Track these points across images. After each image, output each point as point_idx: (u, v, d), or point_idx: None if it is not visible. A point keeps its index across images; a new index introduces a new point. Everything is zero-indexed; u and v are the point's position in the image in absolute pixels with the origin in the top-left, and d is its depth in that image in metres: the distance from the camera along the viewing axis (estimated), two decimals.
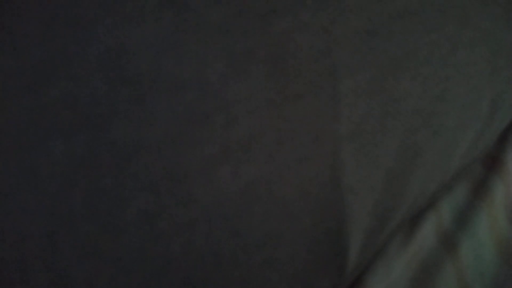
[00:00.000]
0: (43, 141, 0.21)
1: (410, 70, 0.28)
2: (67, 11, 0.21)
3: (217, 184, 0.24)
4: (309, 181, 0.26)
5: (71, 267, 0.22)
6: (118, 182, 0.23)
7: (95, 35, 0.21)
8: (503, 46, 0.31)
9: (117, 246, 0.22)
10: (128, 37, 0.21)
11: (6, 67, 0.21)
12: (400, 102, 0.28)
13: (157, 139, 0.23)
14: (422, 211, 0.33)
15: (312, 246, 0.27)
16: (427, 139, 0.29)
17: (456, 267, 0.32)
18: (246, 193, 0.25)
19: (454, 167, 0.32)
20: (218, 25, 0.23)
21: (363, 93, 0.27)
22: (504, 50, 0.31)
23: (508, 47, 0.32)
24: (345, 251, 0.27)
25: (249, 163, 0.25)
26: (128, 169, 0.23)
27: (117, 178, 0.23)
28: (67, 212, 0.22)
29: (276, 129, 0.25)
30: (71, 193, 0.22)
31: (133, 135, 0.22)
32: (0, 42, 0.21)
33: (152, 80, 0.22)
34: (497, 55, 0.32)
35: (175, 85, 0.22)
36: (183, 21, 0.22)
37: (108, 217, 0.23)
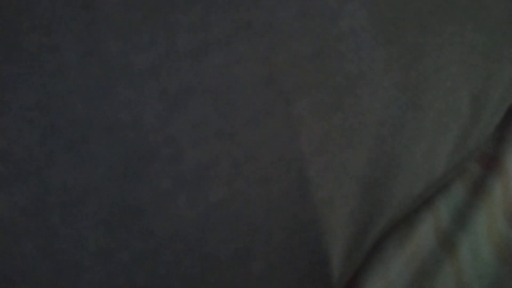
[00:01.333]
0: (3, 188, 0.22)
1: (369, 84, 0.28)
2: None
3: (175, 214, 0.24)
4: (276, 199, 0.26)
5: None
6: (69, 224, 0.23)
7: (20, 91, 0.21)
8: (474, 45, 0.30)
9: (79, 283, 0.22)
10: (55, 91, 0.22)
11: None
12: (363, 115, 0.27)
13: (103, 179, 0.23)
14: (417, 211, 0.33)
15: (288, 259, 0.26)
16: (402, 146, 0.28)
17: (455, 266, 0.31)
18: (207, 218, 0.25)
19: (440, 168, 0.32)
20: (146, 69, 0.23)
21: (321, 112, 0.27)
22: (476, 49, 0.30)
23: (480, 46, 0.31)
24: (326, 260, 0.27)
25: (206, 190, 0.24)
26: (78, 210, 0.23)
27: (67, 220, 0.23)
28: (20, 258, 0.22)
29: (231, 156, 0.25)
30: (22, 241, 0.22)
31: (76, 179, 0.22)
32: None
33: (85, 125, 0.22)
34: (470, 55, 0.31)
35: (111, 127, 0.22)
36: (109, 69, 0.22)
37: (65, 257, 0.23)
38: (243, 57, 0.25)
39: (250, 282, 0.25)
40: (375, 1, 0.28)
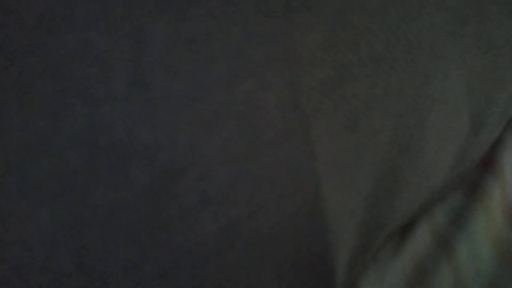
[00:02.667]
0: (31, 210, 0.23)
1: (383, 107, 0.29)
2: (42, 97, 0.23)
3: (198, 228, 0.26)
4: (290, 214, 0.28)
5: None
6: (103, 239, 0.24)
7: (70, 117, 0.23)
8: (478, 68, 0.32)
9: None
10: (101, 117, 0.23)
11: None
12: (375, 136, 0.29)
13: (138, 196, 0.24)
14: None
15: (296, 271, 0.28)
16: (407, 164, 0.30)
17: (452, 266, 0.32)
18: (226, 232, 0.26)
19: (440, 182, 0.33)
20: (185, 96, 0.24)
21: (337, 133, 0.28)
22: (479, 71, 0.32)
23: (484, 68, 0.33)
24: (332, 272, 0.29)
25: (228, 206, 0.26)
26: (111, 226, 0.24)
27: (101, 235, 0.24)
28: (56, 271, 0.24)
29: (252, 174, 0.27)
30: (59, 254, 0.24)
31: (113, 197, 0.24)
32: None
33: (127, 147, 0.24)
34: (473, 77, 0.32)
35: (149, 149, 0.24)
36: (151, 96, 0.24)
37: (96, 271, 0.24)
38: (271, 84, 0.26)
39: None
40: (392, 31, 0.29)
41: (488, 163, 0.37)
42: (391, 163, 0.31)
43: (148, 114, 0.24)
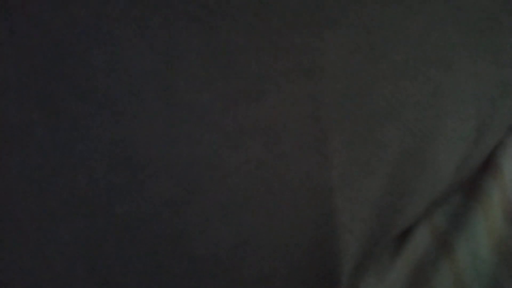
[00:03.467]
0: (51, 225, 0.23)
1: (397, 118, 0.30)
2: (69, 113, 0.23)
3: (215, 239, 0.26)
4: (302, 224, 0.28)
5: None
6: (118, 249, 0.24)
7: (95, 131, 0.23)
8: (486, 78, 0.32)
9: None
10: (125, 130, 0.23)
11: (15, 170, 0.22)
12: (387, 147, 0.29)
13: (158, 209, 0.24)
14: None
15: (305, 279, 0.29)
16: (415, 172, 0.31)
17: (453, 266, 0.33)
18: (240, 244, 0.27)
19: (443, 188, 0.34)
20: (212, 111, 0.24)
21: (353, 144, 0.29)
22: (485, 81, 0.33)
23: (488, 77, 0.33)
24: (338, 280, 0.29)
25: (244, 216, 0.26)
26: (127, 238, 0.24)
27: (117, 246, 0.24)
28: (73, 282, 0.24)
29: (271, 187, 0.27)
30: (78, 267, 0.24)
31: (132, 211, 0.24)
32: (8, 138, 0.21)
33: (149, 162, 0.24)
34: (481, 87, 0.33)
35: (174, 163, 0.24)
36: (179, 111, 0.24)
37: (109, 281, 0.24)
38: (294, 98, 0.26)
39: None
40: (411, 46, 0.29)
41: (487, 165, 0.37)
42: (400, 172, 0.31)
43: (174, 129, 0.24)
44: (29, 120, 0.22)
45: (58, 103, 0.22)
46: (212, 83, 0.24)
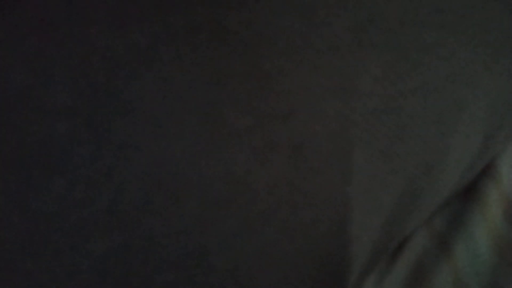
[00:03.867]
0: (84, 244, 0.23)
1: (417, 134, 0.30)
2: (113, 133, 0.22)
3: (236, 252, 0.26)
4: (318, 237, 0.28)
5: None
6: (146, 264, 0.24)
7: (136, 152, 0.23)
8: (498, 94, 0.33)
9: None
10: (166, 151, 0.23)
11: (57, 186, 0.21)
12: (405, 161, 0.29)
13: (186, 226, 0.25)
14: None
15: (315, 286, 0.29)
16: (426, 185, 0.31)
17: (452, 267, 0.33)
18: (259, 255, 0.27)
19: (446, 196, 0.34)
20: (245, 130, 0.24)
21: (372, 160, 0.29)
22: (498, 97, 0.33)
23: (501, 94, 0.33)
24: (345, 285, 0.30)
25: (265, 231, 0.27)
26: (156, 253, 0.24)
27: (145, 261, 0.24)
28: None
29: (293, 202, 0.27)
30: (105, 281, 0.24)
31: (166, 227, 0.24)
32: (54, 153, 0.21)
33: (184, 180, 0.24)
34: (492, 102, 0.33)
35: (205, 181, 0.24)
36: (216, 133, 0.24)
37: None
38: (324, 115, 0.26)
39: None
40: (440, 65, 0.29)
41: (484, 167, 0.38)
42: (414, 185, 0.31)
43: (211, 148, 0.24)
44: (77, 138, 0.22)
45: (107, 123, 0.22)
46: (251, 104, 0.24)
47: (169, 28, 0.22)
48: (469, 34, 0.30)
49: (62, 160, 0.22)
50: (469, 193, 0.37)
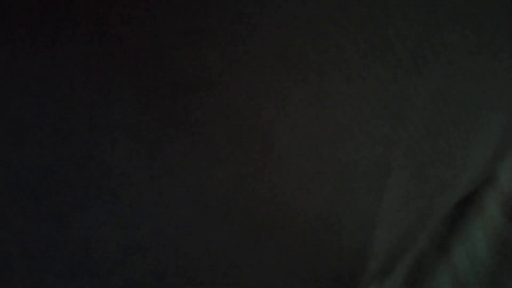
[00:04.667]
0: (125, 266, 0.22)
1: (446, 156, 0.30)
2: (171, 159, 0.21)
3: (263, 276, 0.26)
4: (340, 257, 0.28)
5: None
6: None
7: (190, 176, 0.21)
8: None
9: None
10: (216, 176, 0.22)
11: (104, 210, 0.20)
12: (432, 184, 0.29)
13: (212, 258, 0.23)
14: None
15: None
16: (440, 204, 0.32)
17: (450, 268, 0.33)
18: (264, 269, 0.26)
19: (451, 208, 0.35)
20: (298, 152, 0.23)
21: (405, 184, 0.28)
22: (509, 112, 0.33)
23: None
24: None
25: (297, 252, 0.26)
26: (194, 275, 0.23)
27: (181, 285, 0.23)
28: None
29: (325, 221, 0.26)
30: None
31: (206, 258, 0.23)
32: (100, 178, 0.19)
33: (227, 206, 0.23)
34: (505, 115, 0.33)
35: (250, 204, 0.23)
36: (267, 156, 0.23)
37: None
38: (373, 140, 0.25)
39: None
40: (478, 89, 0.29)
41: None
42: (431, 204, 0.31)
43: (259, 172, 0.23)
44: (130, 165, 0.20)
45: (167, 148, 0.20)
46: (305, 126, 0.23)
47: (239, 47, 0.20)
48: (507, 55, 0.30)
49: (114, 184, 0.20)
50: (467, 195, 0.37)
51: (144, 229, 0.21)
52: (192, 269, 0.23)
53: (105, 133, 0.19)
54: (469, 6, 0.27)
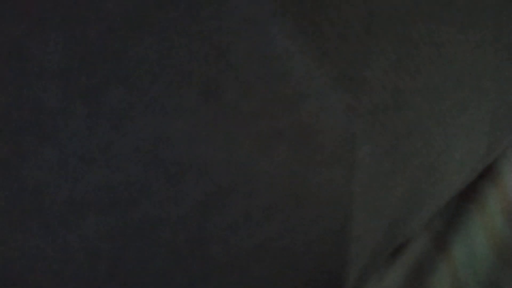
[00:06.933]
0: (75, 220, 0.22)
1: (422, 133, 0.30)
2: (110, 105, 0.22)
3: (234, 243, 0.26)
4: (319, 234, 0.28)
5: None
6: (141, 249, 0.24)
7: (134, 127, 0.22)
8: (505, 100, 0.33)
9: None
10: (164, 128, 0.22)
11: (49, 157, 0.21)
12: (409, 160, 0.29)
13: (184, 213, 0.24)
14: None
15: (312, 284, 0.29)
16: (429, 188, 0.31)
17: (450, 267, 0.33)
18: (258, 248, 0.26)
19: (445, 202, 0.34)
20: (249, 112, 0.23)
21: (378, 157, 0.28)
22: (505, 103, 0.33)
23: (508, 99, 0.33)
24: (343, 285, 0.30)
25: (266, 225, 0.26)
26: (152, 239, 0.24)
27: (140, 246, 0.24)
28: (92, 279, 0.23)
29: (296, 197, 0.26)
30: (97, 262, 0.23)
31: (163, 212, 0.23)
32: (46, 124, 0.20)
33: (184, 162, 0.23)
34: (498, 108, 0.33)
35: (205, 165, 0.23)
36: (217, 113, 0.23)
37: (128, 280, 0.24)
38: (331, 107, 0.25)
39: None
40: (450, 63, 0.29)
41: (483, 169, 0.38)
42: (416, 187, 0.31)
43: (211, 129, 0.23)
44: (70, 110, 0.21)
45: (102, 95, 0.21)
46: (256, 87, 0.23)
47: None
48: (481, 37, 0.30)
49: (55, 131, 0.21)
50: (468, 193, 0.37)
51: (89, 180, 0.21)
52: (145, 232, 0.23)
53: (36, 78, 0.20)
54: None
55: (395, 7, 0.26)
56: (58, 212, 0.22)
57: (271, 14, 0.23)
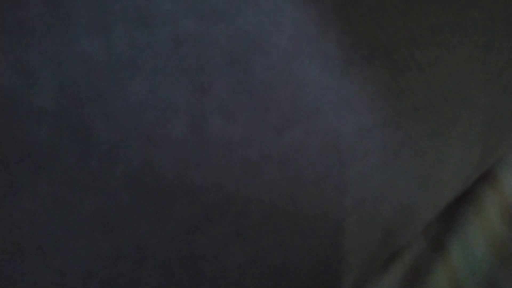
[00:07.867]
0: (69, 246, 0.23)
1: (413, 149, 0.30)
2: (99, 138, 0.23)
3: (226, 260, 0.27)
4: (312, 248, 0.29)
5: None
6: (134, 270, 0.25)
7: (125, 157, 0.23)
8: (497, 109, 0.33)
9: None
10: (154, 157, 0.23)
11: (42, 188, 0.22)
12: (400, 175, 0.30)
13: (173, 235, 0.25)
14: None
15: None
16: (421, 198, 0.32)
17: (447, 268, 0.33)
18: (251, 263, 0.27)
19: (440, 210, 0.35)
20: (236, 140, 0.25)
21: (369, 172, 0.29)
22: (497, 112, 0.33)
23: (501, 108, 0.33)
24: None
25: (258, 241, 0.27)
26: (145, 259, 0.25)
27: (134, 267, 0.25)
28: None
29: (287, 214, 0.27)
30: (91, 285, 0.24)
31: (151, 234, 0.25)
32: (37, 158, 0.21)
33: (174, 187, 0.24)
34: (491, 117, 0.33)
35: (195, 190, 0.25)
36: (205, 141, 0.24)
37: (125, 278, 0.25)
38: (317, 130, 0.26)
39: None
40: (437, 84, 0.30)
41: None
42: (409, 198, 0.31)
43: (200, 156, 0.24)
44: (61, 145, 0.22)
45: (91, 128, 0.22)
46: (241, 115, 0.24)
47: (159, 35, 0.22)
48: (470, 54, 0.30)
49: (48, 164, 0.22)
50: (466, 195, 0.37)
51: (81, 209, 0.23)
52: (136, 253, 0.25)
53: (28, 117, 0.21)
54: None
55: (376, 35, 0.27)
56: (53, 239, 0.23)
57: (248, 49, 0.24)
